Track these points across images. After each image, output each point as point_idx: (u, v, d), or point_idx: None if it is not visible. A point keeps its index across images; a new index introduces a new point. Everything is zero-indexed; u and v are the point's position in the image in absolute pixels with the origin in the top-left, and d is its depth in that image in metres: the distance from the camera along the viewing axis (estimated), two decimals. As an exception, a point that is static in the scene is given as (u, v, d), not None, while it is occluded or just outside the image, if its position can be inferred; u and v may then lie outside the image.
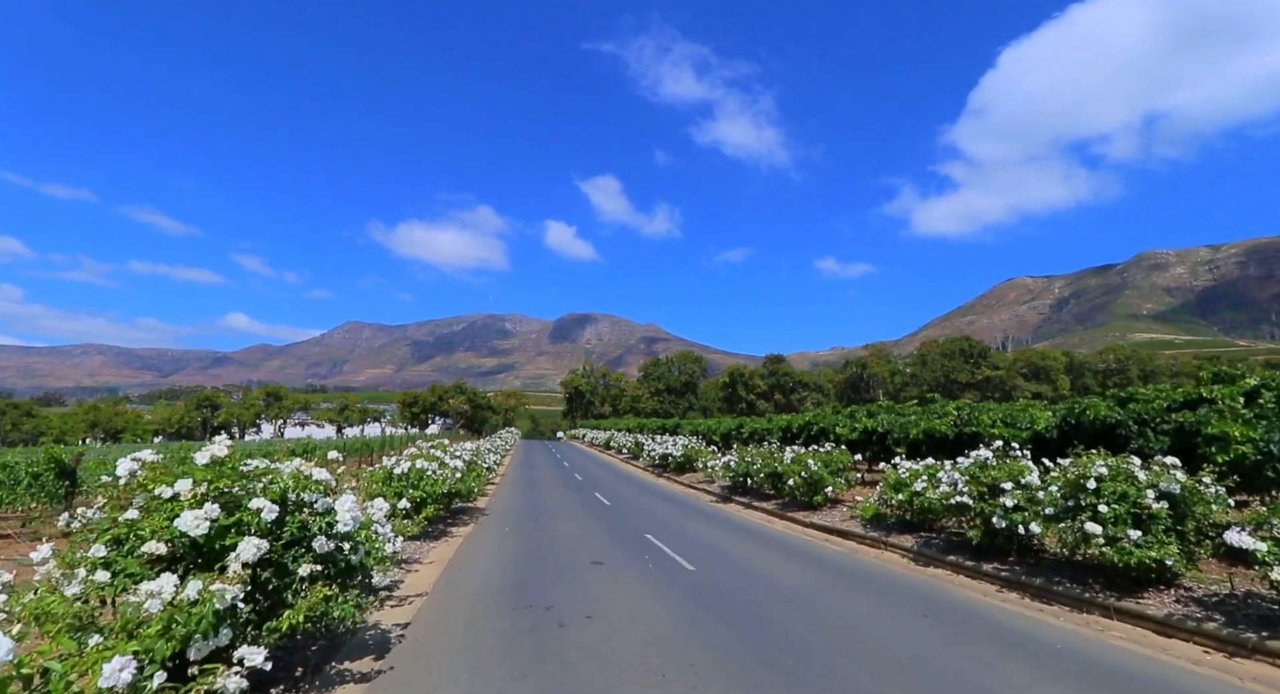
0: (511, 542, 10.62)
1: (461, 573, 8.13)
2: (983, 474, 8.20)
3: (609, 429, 53.75)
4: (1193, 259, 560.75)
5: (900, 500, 9.94)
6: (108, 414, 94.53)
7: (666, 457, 25.19)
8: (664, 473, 25.51)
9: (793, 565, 8.90)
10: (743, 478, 16.75)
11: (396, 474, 9.48)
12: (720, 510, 15.74)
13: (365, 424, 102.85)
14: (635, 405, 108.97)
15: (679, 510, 15.50)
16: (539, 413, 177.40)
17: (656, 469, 27.48)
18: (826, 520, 12.65)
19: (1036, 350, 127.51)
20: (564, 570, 8.35)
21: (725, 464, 17.33)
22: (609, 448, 46.35)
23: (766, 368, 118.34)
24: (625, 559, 9.20)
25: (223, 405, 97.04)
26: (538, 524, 12.76)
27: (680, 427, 33.10)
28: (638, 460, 33.55)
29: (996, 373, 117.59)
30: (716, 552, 9.88)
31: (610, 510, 15.19)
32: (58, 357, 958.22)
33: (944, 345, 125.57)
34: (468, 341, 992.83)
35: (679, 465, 24.20)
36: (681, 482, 22.19)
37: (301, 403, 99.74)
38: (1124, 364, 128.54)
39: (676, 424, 34.21)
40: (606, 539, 11.05)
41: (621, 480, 23.67)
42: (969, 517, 8.43)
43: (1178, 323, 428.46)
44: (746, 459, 16.35)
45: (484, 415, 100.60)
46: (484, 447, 23.66)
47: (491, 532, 11.74)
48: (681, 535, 11.51)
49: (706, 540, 11.02)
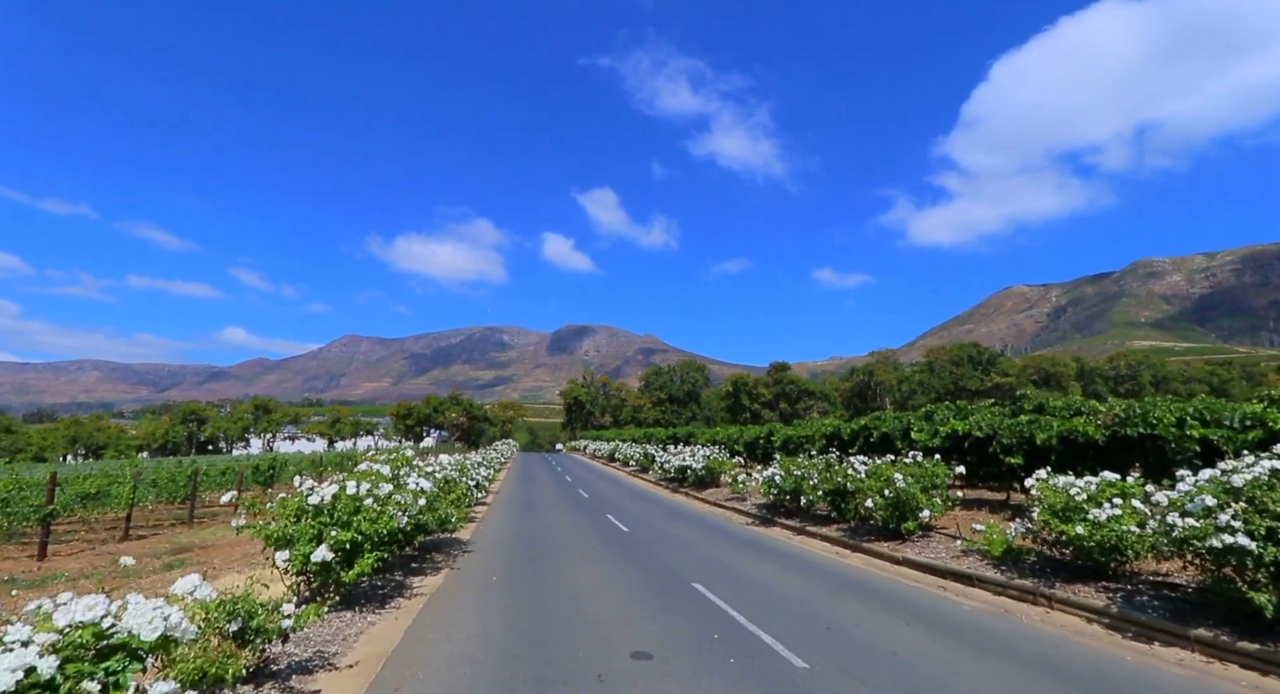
0: (498, 606, 7.09)
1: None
2: (1273, 498, 4.94)
3: (612, 440, 50.34)
4: (1189, 267, 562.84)
5: (1073, 533, 6.66)
6: (89, 429, 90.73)
7: (684, 469, 21.83)
8: (680, 488, 22.16)
9: (954, 650, 5.53)
10: (788, 496, 13.46)
11: (315, 505, 6.08)
12: (769, 539, 12.39)
13: (357, 437, 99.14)
14: (637, 416, 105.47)
15: (719, 540, 12.14)
16: (537, 425, 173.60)
17: (671, 484, 24.11)
18: (927, 556, 9.33)
19: (1046, 356, 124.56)
20: (589, 681, 4.76)
21: (768, 479, 14.00)
22: (613, 460, 42.95)
23: (771, 376, 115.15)
24: (684, 643, 5.66)
25: (209, 419, 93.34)
26: (539, 568, 9.35)
27: (694, 436, 29.79)
28: (647, 473, 30.19)
29: (1006, 380, 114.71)
30: (813, 618, 6.53)
31: (632, 541, 11.85)
32: (54, 373, 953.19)
33: (952, 352, 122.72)
34: (465, 354, 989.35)
35: (699, 480, 20.87)
36: (704, 498, 18.87)
37: (291, 416, 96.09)
38: (1135, 370, 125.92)
39: (690, 433, 30.92)
40: (640, 595, 7.68)
41: (635, 497, 20.32)
42: (1232, 566, 5.16)
43: (1176, 330, 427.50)
44: (796, 472, 13.05)
45: (481, 427, 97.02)
46: (474, 459, 20.27)
47: (470, 586, 8.14)
48: (747, 586, 8.09)
49: (784, 594, 7.65)
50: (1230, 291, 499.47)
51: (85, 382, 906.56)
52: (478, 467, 18.23)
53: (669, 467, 23.66)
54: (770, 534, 12.82)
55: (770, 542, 11.97)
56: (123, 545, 12.61)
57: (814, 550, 11.09)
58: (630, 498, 20.21)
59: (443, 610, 6.88)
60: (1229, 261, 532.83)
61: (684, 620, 6.47)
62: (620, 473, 34.64)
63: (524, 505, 17.51)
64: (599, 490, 23.56)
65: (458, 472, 13.05)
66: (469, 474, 14.53)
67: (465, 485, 12.76)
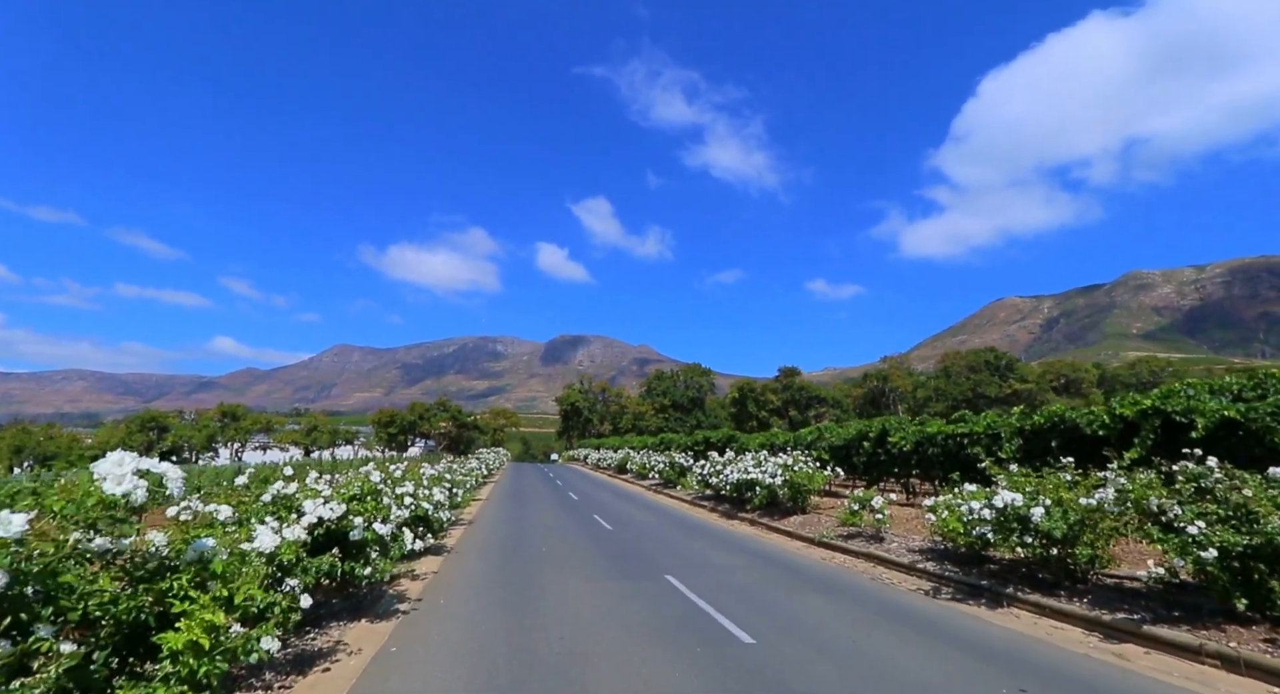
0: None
1: None
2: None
3: (619, 448, 43.76)
4: (1178, 279, 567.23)
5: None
6: (37, 438, 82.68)
7: (748, 486, 15.35)
8: (739, 513, 15.69)
9: None
10: (1013, 538, 7.02)
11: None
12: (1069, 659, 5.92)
13: (335, 447, 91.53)
14: (638, 423, 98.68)
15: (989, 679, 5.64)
16: (531, 435, 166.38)
17: (720, 505, 17.61)
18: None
19: (1066, 362, 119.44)
20: None
21: (975, 513, 7.43)
22: (623, 472, 36.39)
23: (779, 382, 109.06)
24: None
25: (171, 427, 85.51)
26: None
27: (736, 439, 23.28)
28: (673, 489, 23.68)
29: (1025, 386, 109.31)
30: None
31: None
32: (38, 383, 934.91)
33: (968, 357, 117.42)
34: (458, 364, 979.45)
35: (766, 501, 14.44)
36: (788, 531, 12.46)
37: (263, 423, 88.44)
38: (1158, 376, 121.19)
39: (729, 437, 24.41)
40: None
41: (694, 533, 13.77)
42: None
43: (1167, 341, 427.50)
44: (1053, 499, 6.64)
45: (470, 436, 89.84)
46: (432, 472, 13.50)
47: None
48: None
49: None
50: (1220, 303, 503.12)
51: (70, 392, 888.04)
52: (438, 484, 11.61)
53: (720, 482, 17.09)
54: (1037, 633, 6.29)
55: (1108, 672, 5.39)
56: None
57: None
58: (687, 534, 13.63)
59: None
60: (1218, 274, 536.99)
61: None
62: (637, 488, 28.04)
63: (507, 553, 10.68)
64: (621, 516, 16.98)
65: (365, 497, 6.57)
66: (403, 502, 8.00)
67: (376, 535, 6.26)
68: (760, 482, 14.53)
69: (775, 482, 13.89)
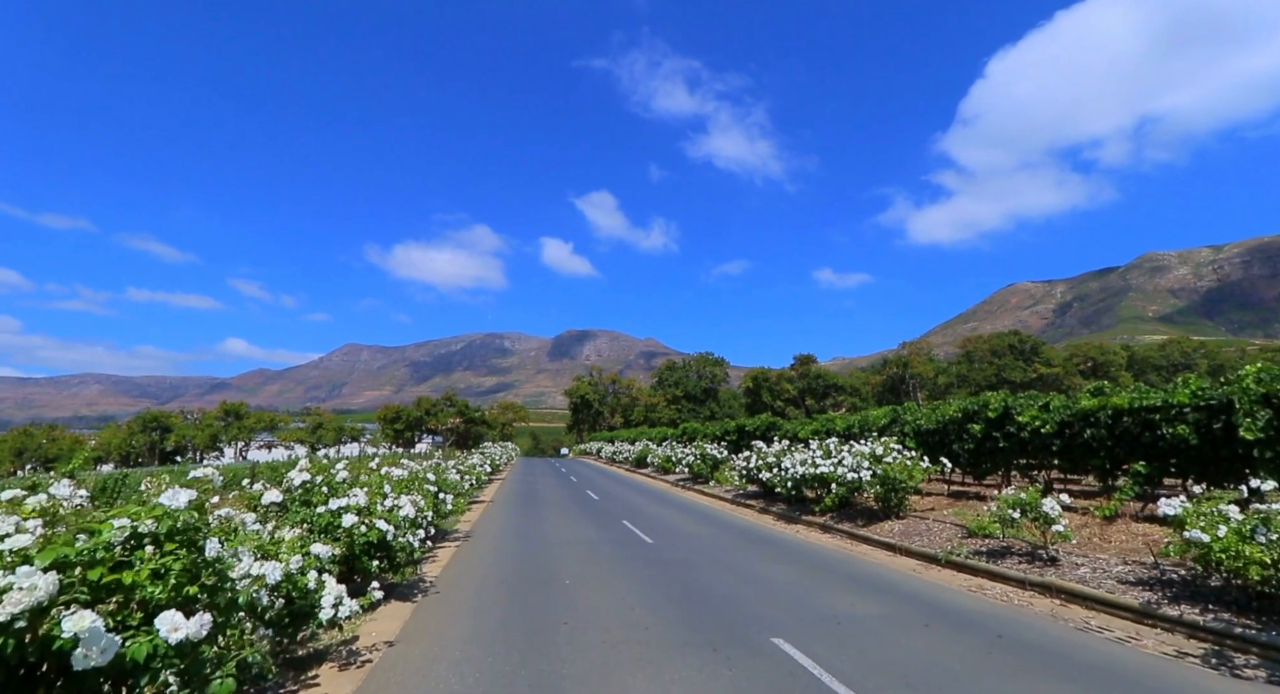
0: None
1: None
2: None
3: (637, 440, 40.73)
4: (1195, 260, 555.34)
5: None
6: (39, 440, 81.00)
7: (818, 482, 12.21)
8: (801, 516, 12.59)
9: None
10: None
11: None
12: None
13: (341, 444, 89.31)
14: (650, 415, 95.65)
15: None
16: (540, 430, 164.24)
17: (771, 506, 14.53)
18: None
19: (1094, 344, 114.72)
20: None
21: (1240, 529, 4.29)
22: (642, 465, 33.40)
23: (795, 370, 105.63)
24: None
25: (174, 427, 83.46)
26: None
27: (780, 428, 20.01)
28: (703, 484, 20.62)
29: (1051, 370, 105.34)
30: None
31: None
32: (56, 387, 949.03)
33: (990, 341, 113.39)
34: (466, 361, 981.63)
35: (839, 502, 11.34)
36: (887, 543, 9.39)
37: (267, 422, 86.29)
38: (1189, 357, 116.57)
39: (769, 424, 21.12)
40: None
41: (764, 552, 10.70)
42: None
43: (1184, 324, 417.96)
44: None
45: (478, 431, 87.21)
46: (400, 474, 9.97)
47: None
48: None
49: None
50: (1239, 284, 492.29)
51: (87, 395, 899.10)
52: (416, 484, 8.44)
53: (776, 478, 13.91)
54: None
55: None
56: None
57: None
58: (757, 550, 10.48)
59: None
60: (1236, 254, 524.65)
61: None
62: (662, 484, 25.01)
63: (512, 598, 6.95)
64: (665, 525, 13.89)
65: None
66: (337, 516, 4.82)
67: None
68: (835, 477, 11.36)
69: (862, 477, 10.70)
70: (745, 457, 16.56)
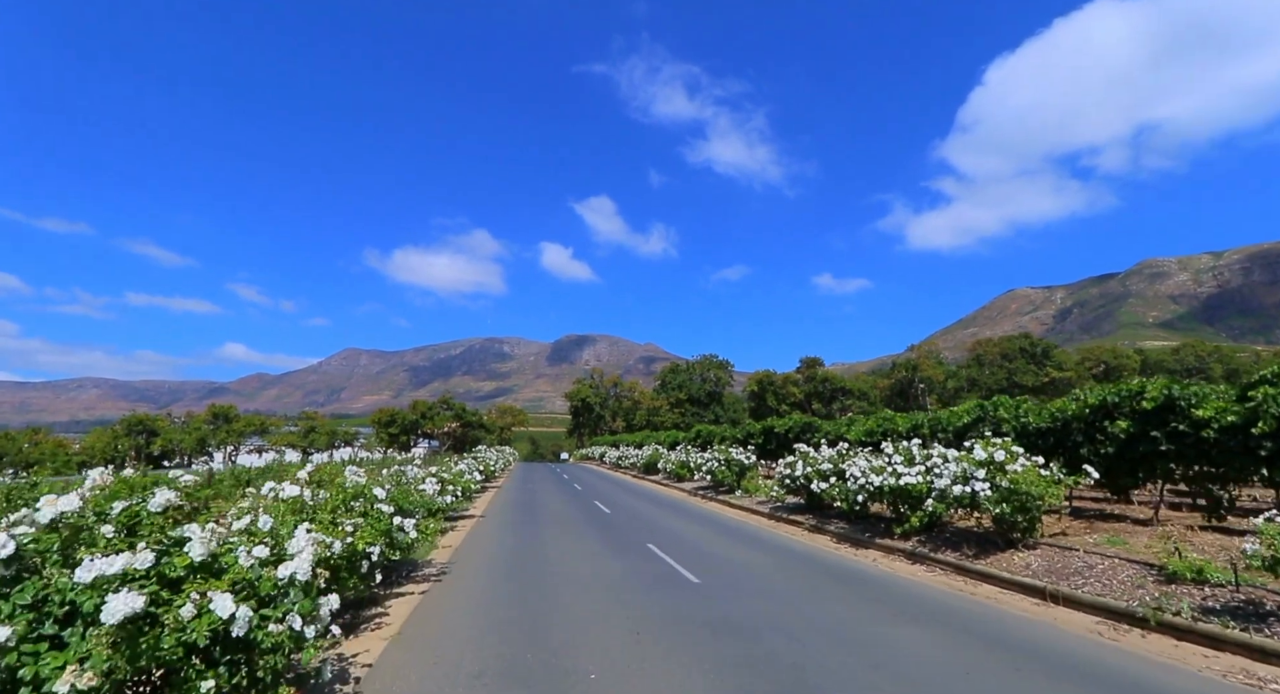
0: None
1: None
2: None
3: (643, 444, 38.04)
4: (1195, 266, 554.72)
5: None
6: (20, 444, 78.08)
7: (898, 493, 9.58)
8: (874, 540, 9.95)
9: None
10: None
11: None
12: None
13: (334, 449, 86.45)
14: (652, 419, 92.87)
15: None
16: (539, 435, 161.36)
17: (825, 523, 11.92)
18: None
19: (1107, 348, 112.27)
20: None
21: None
22: (652, 472, 30.69)
23: (801, 374, 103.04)
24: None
25: (160, 431, 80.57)
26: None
27: (818, 429, 17.28)
28: (729, 494, 18.00)
29: (1063, 374, 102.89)
30: None
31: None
32: (54, 391, 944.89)
33: (1001, 344, 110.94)
34: (465, 366, 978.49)
35: (925, 523, 8.70)
36: (1026, 585, 6.78)
37: (257, 425, 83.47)
38: (1204, 362, 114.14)
39: (805, 425, 18.33)
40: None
41: (864, 594, 7.84)
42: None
43: (1185, 330, 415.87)
44: None
45: (476, 435, 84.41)
46: (351, 484, 6.79)
47: None
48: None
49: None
50: (1239, 291, 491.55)
51: (85, 400, 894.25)
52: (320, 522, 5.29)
53: (837, 489, 11.26)
54: None
55: None
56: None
57: None
58: (855, 598, 7.81)
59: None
60: (1236, 260, 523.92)
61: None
62: (678, 493, 22.37)
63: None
64: (706, 553, 11.21)
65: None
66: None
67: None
68: (922, 489, 8.72)
69: (977, 491, 8.04)
70: (788, 462, 13.91)
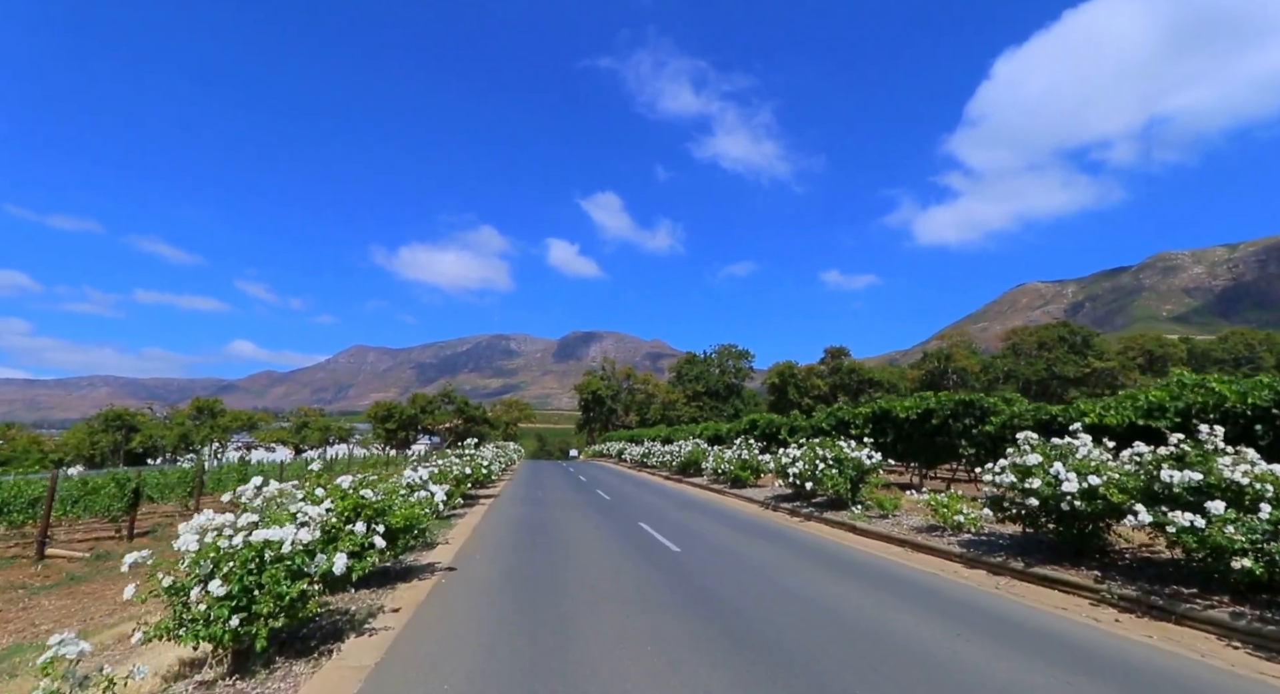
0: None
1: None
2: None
3: (674, 437, 32.01)
4: (1209, 259, 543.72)
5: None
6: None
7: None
8: (1181, 611, 4.00)
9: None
10: None
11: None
12: None
13: (328, 446, 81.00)
14: (668, 413, 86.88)
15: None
16: (546, 431, 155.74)
17: (1063, 566, 5.87)
18: None
19: (1151, 336, 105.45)
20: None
21: None
22: (688, 472, 24.73)
23: (826, 365, 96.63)
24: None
25: (141, 426, 75.28)
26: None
27: (1006, 412, 11.10)
28: (831, 509, 11.99)
29: (1106, 364, 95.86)
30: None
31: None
32: (64, 389, 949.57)
33: (1039, 332, 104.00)
34: (472, 363, 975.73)
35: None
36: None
37: (244, 420, 77.95)
38: (1254, 351, 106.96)
39: (963, 404, 12.23)
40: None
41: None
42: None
43: (1199, 324, 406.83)
44: None
45: (480, 430, 78.72)
46: None
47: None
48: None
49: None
50: (1255, 283, 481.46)
51: (95, 397, 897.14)
52: None
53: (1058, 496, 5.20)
54: None
55: None
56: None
57: None
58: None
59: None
60: (1252, 253, 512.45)
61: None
62: (749, 506, 16.38)
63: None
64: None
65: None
66: None
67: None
68: None
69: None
70: (1000, 465, 7.83)
